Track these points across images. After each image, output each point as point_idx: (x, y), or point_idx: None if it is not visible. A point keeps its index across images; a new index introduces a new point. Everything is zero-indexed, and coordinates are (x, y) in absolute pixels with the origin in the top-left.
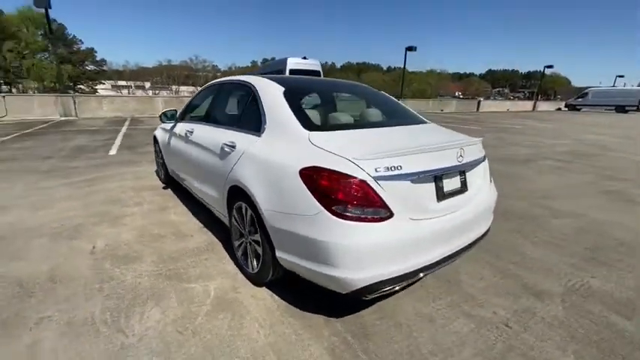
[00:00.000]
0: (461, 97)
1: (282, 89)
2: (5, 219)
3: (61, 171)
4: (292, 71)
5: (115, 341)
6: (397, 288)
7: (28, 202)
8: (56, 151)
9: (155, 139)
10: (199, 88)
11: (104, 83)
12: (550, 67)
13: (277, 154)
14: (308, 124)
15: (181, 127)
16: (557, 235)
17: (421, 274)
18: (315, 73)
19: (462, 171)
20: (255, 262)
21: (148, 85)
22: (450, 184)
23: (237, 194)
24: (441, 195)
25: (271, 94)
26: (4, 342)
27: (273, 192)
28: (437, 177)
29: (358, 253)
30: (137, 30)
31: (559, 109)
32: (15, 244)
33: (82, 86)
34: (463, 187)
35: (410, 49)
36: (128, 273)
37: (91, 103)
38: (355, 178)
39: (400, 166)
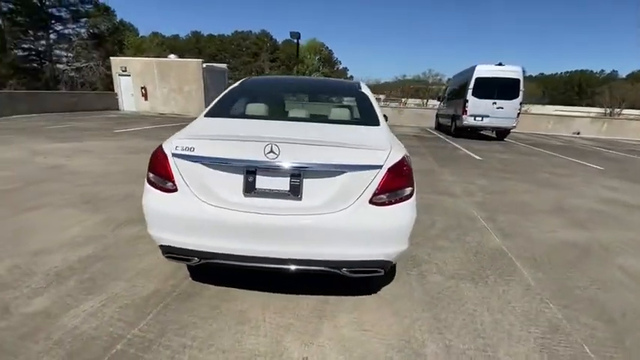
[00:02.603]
0: None
1: (239, 83)
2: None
3: None
4: (480, 79)
5: (98, 233)
6: (195, 261)
7: None
8: None
9: None
10: (427, 101)
11: None
12: None
13: None
14: (211, 112)
15: None
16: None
17: (226, 262)
18: (511, 81)
19: (295, 174)
20: None
21: (382, 97)
22: (267, 182)
23: None
24: (250, 190)
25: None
26: (78, 217)
27: None
28: (249, 170)
29: (151, 214)
30: (379, 50)
31: None
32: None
33: None
34: (293, 193)
35: None
36: None
37: None
38: (161, 152)
39: (193, 148)
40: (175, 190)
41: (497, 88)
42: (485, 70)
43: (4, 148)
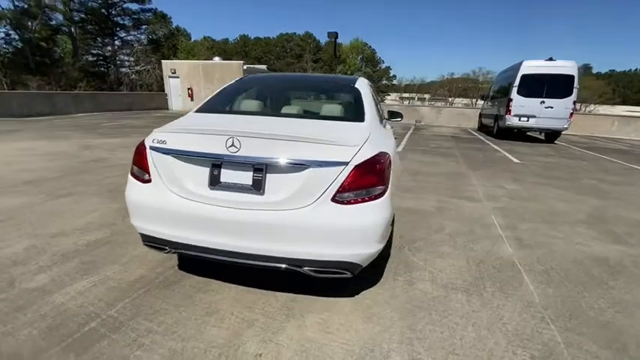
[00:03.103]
0: None
1: (235, 80)
2: None
3: None
4: (526, 76)
5: (110, 220)
6: (167, 250)
7: None
8: None
9: None
10: (476, 100)
11: (390, 95)
12: None
13: None
14: (201, 108)
15: None
16: None
17: (190, 252)
18: (563, 77)
19: (258, 168)
20: None
21: (427, 96)
22: (231, 176)
23: None
24: (215, 183)
25: None
26: (99, 205)
27: None
28: (215, 164)
29: (131, 204)
30: (426, 48)
31: None
32: None
33: None
34: (256, 187)
35: None
36: None
37: None
38: (142, 145)
39: (165, 141)
40: (150, 181)
41: (546, 86)
42: (533, 66)
43: (60, 142)
